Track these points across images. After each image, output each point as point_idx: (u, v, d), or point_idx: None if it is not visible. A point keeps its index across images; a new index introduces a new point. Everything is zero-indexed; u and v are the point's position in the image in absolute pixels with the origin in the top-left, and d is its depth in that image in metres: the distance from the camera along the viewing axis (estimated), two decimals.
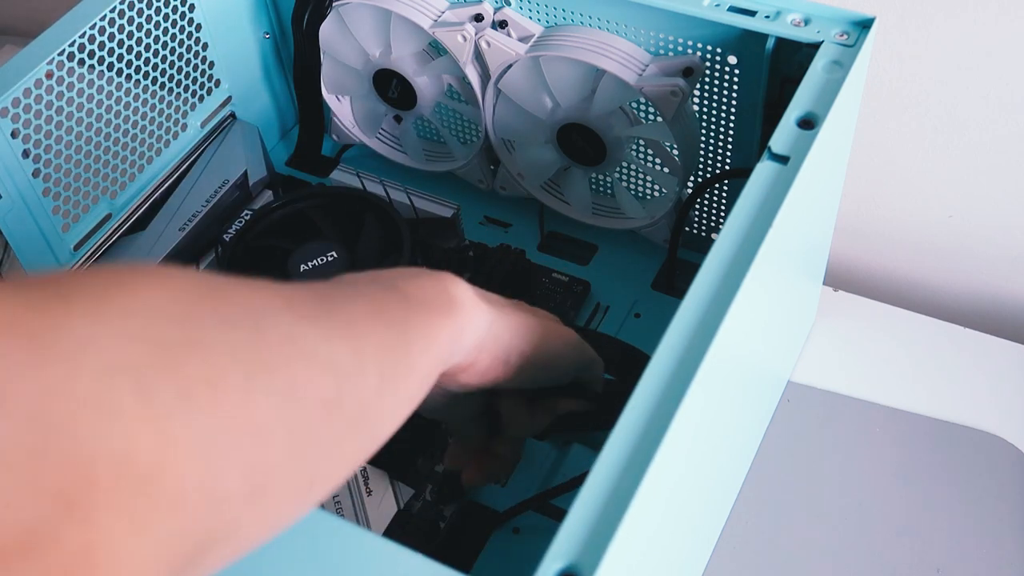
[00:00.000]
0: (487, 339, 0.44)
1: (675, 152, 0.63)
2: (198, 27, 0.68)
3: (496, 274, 0.66)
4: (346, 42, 0.69)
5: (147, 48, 0.65)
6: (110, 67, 0.63)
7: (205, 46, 0.69)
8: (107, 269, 0.29)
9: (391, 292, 0.39)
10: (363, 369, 0.34)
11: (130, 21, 0.63)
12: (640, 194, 0.70)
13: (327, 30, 0.69)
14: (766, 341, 0.58)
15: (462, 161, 0.73)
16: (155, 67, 0.66)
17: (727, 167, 0.65)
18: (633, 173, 0.69)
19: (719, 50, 0.58)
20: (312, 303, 0.34)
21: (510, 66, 0.63)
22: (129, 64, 0.64)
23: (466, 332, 0.42)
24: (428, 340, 0.39)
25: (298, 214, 0.68)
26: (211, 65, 0.71)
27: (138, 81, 0.65)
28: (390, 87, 0.70)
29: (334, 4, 0.67)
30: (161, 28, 0.65)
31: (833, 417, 0.68)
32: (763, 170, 0.48)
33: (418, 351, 0.38)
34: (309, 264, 0.64)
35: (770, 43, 0.56)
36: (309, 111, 0.75)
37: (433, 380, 0.41)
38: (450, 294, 0.42)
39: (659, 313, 0.69)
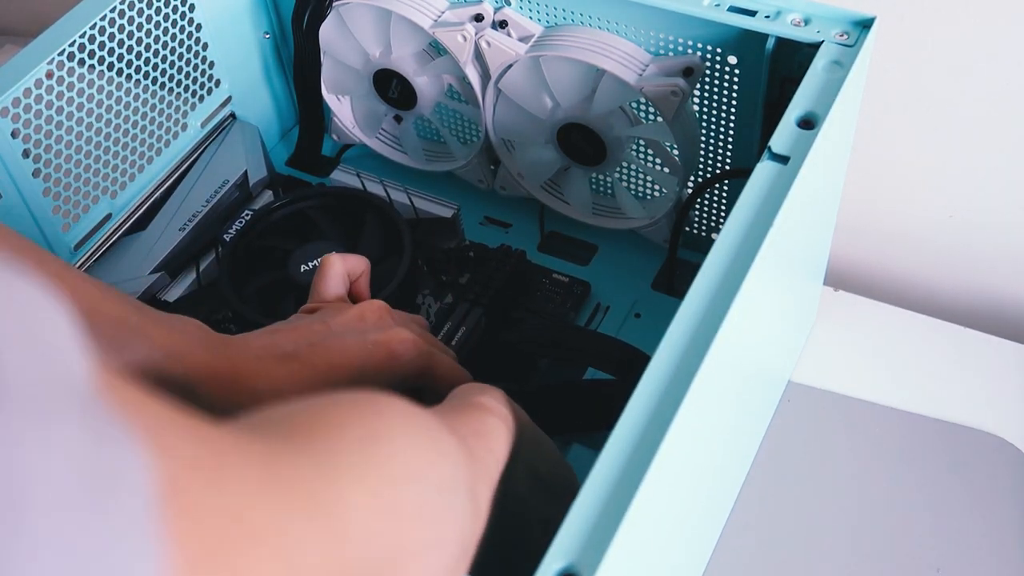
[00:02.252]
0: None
1: (675, 152, 0.63)
2: (198, 27, 0.68)
3: (496, 274, 0.66)
4: (346, 42, 0.69)
5: (147, 48, 0.65)
6: (110, 67, 0.63)
7: (205, 46, 0.69)
8: (349, 416, 0.32)
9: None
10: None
11: (130, 21, 0.63)
12: (640, 194, 0.70)
13: (327, 30, 0.69)
14: (766, 341, 0.58)
15: (462, 161, 0.73)
16: (155, 67, 0.66)
17: (727, 167, 0.65)
18: (633, 173, 0.69)
19: (719, 50, 0.58)
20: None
21: (510, 66, 0.63)
22: (129, 64, 0.64)
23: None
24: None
25: (298, 214, 0.68)
26: (211, 65, 0.71)
27: (138, 81, 0.65)
28: (390, 87, 0.70)
29: (334, 4, 0.67)
30: (161, 28, 0.65)
31: (833, 417, 0.68)
32: (763, 170, 0.48)
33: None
34: (309, 264, 0.64)
35: (770, 43, 0.56)
36: (309, 111, 0.75)
37: None
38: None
39: (659, 313, 0.69)
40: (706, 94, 0.62)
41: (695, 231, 0.71)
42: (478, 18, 0.63)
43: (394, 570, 0.30)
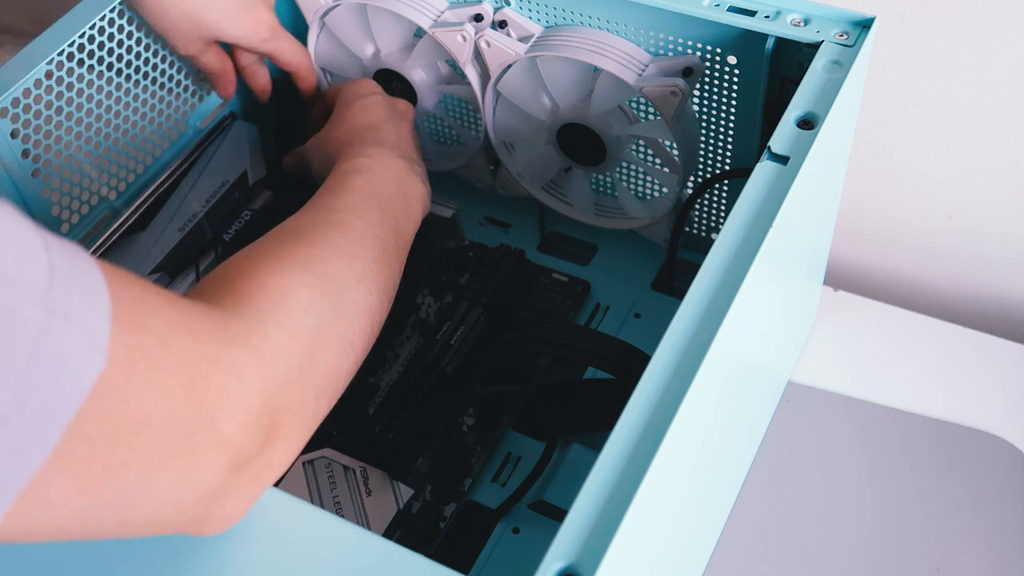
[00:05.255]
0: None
1: (675, 152, 0.63)
2: None
3: (496, 274, 0.66)
4: (339, 51, 0.69)
5: (147, 48, 0.65)
6: (110, 67, 0.63)
7: None
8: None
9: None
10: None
11: (130, 21, 0.63)
12: (641, 194, 0.70)
13: (320, 45, 0.69)
14: (766, 341, 0.58)
15: (462, 161, 0.73)
16: (155, 67, 0.66)
17: (727, 167, 0.65)
18: (634, 173, 0.69)
19: (719, 50, 0.58)
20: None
21: (509, 67, 0.63)
22: (129, 64, 0.64)
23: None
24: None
25: None
26: None
27: (138, 81, 0.65)
28: (391, 88, 0.70)
29: (321, 15, 0.67)
30: None
31: (833, 417, 0.68)
32: (763, 170, 0.48)
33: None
34: None
35: (770, 43, 0.56)
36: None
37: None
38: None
39: (659, 313, 0.69)
40: (706, 94, 0.62)
41: (695, 231, 0.71)
42: (478, 18, 0.63)
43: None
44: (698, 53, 0.59)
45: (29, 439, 0.30)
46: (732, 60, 0.59)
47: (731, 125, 0.62)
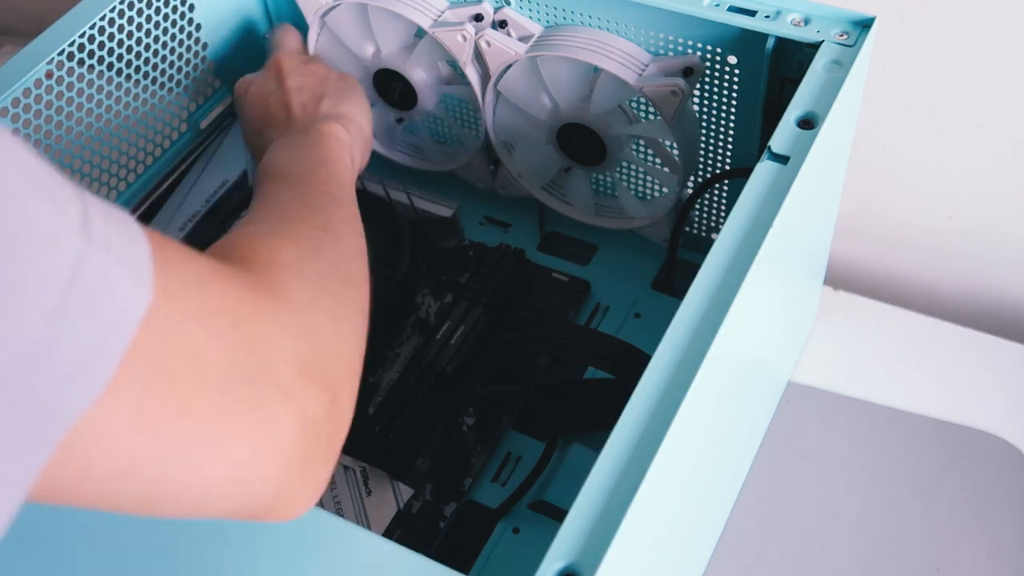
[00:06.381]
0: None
1: (675, 152, 0.63)
2: (198, 27, 0.68)
3: (496, 274, 0.66)
4: (339, 50, 0.69)
5: (147, 48, 0.65)
6: (110, 67, 0.63)
7: (205, 46, 0.69)
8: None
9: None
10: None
11: (130, 21, 0.63)
12: (641, 194, 0.70)
13: (320, 46, 0.69)
14: (766, 341, 0.58)
15: (462, 161, 0.73)
16: (155, 67, 0.66)
17: (727, 167, 0.65)
18: (634, 173, 0.69)
19: (719, 50, 0.58)
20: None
21: (509, 67, 0.63)
22: (129, 64, 0.64)
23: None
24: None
25: None
26: (211, 65, 0.71)
27: (138, 81, 0.65)
28: (391, 88, 0.70)
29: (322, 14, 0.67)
30: (161, 28, 0.65)
31: (833, 417, 0.68)
32: (763, 170, 0.48)
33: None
34: None
35: (770, 43, 0.56)
36: None
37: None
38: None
39: (659, 313, 0.69)
40: (706, 94, 0.62)
41: (695, 231, 0.71)
42: (478, 18, 0.63)
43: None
44: (698, 53, 0.59)
45: (75, 374, 0.29)
46: (732, 60, 0.59)
47: (731, 125, 0.62)
